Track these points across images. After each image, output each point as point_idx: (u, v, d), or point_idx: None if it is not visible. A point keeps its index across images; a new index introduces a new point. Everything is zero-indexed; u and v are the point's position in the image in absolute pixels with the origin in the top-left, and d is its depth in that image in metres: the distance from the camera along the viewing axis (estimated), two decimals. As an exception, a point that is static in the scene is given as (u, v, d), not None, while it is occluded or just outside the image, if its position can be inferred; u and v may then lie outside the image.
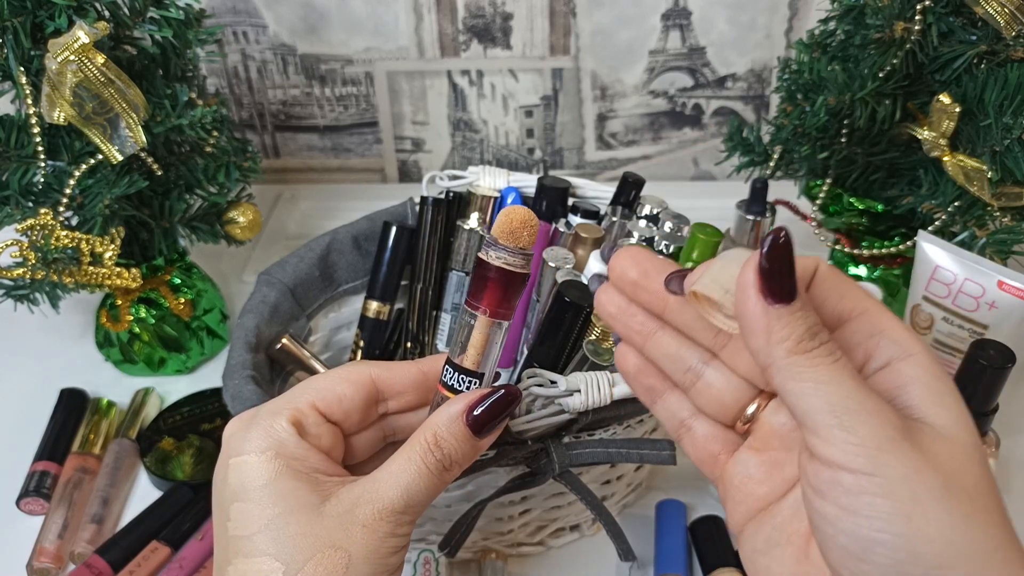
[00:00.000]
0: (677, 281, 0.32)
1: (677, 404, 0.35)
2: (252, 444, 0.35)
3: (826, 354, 0.28)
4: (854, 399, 0.27)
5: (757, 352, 0.29)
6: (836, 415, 0.27)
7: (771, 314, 0.28)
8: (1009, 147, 0.57)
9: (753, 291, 0.28)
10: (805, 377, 0.28)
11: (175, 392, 0.71)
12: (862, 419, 0.27)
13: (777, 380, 0.29)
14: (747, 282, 0.28)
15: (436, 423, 0.35)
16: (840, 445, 0.27)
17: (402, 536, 0.35)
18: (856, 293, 0.31)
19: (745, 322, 0.29)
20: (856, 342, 0.30)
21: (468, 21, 0.91)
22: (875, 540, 0.27)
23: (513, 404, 0.36)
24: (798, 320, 0.28)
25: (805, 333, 0.28)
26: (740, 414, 0.34)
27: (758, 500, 0.33)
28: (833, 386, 0.28)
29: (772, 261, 0.28)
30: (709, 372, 0.34)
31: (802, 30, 0.89)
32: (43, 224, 0.59)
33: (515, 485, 0.48)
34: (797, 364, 0.28)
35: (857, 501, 0.27)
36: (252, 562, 0.33)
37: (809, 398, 0.28)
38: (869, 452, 0.27)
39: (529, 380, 0.45)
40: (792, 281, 0.28)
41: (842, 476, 0.27)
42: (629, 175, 0.61)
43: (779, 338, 0.28)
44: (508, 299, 0.36)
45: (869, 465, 0.27)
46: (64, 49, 0.55)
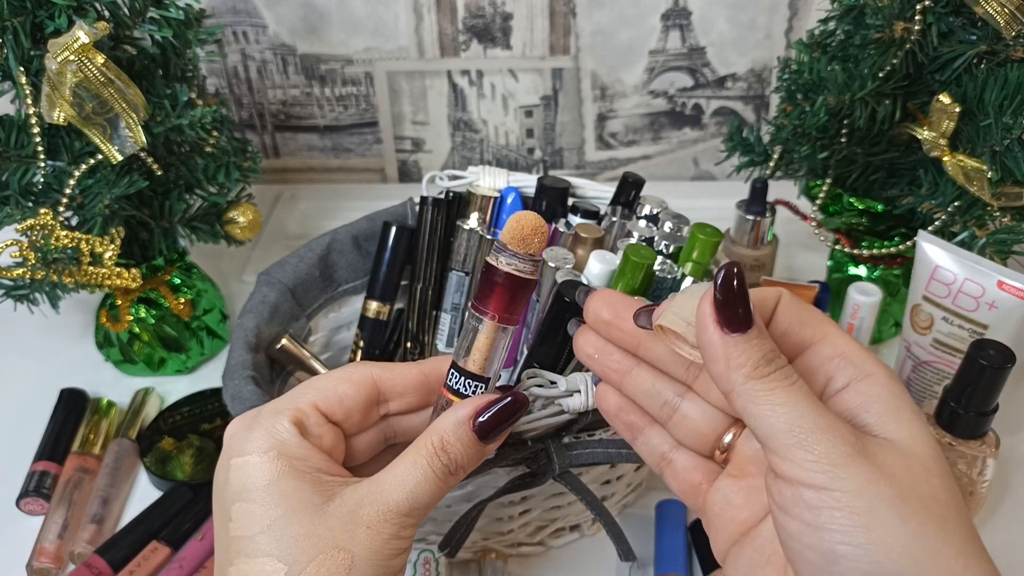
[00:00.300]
0: (645, 316, 0.34)
1: (657, 439, 0.37)
2: (254, 444, 0.35)
3: (782, 378, 0.30)
4: (809, 419, 0.29)
5: (718, 378, 0.31)
6: (794, 435, 0.29)
7: (728, 342, 0.30)
8: (1009, 147, 0.57)
9: (710, 322, 0.30)
10: (763, 400, 0.29)
11: (175, 392, 0.71)
12: (818, 437, 0.28)
13: (738, 404, 0.30)
14: (704, 313, 0.30)
15: (443, 427, 0.35)
16: (799, 463, 0.29)
17: (405, 539, 0.34)
18: (816, 320, 0.32)
19: (705, 351, 0.31)
20: (818, 365, 0.32)
21: (468, 21, 0.91)
22: (837, 552, 0.28)
23: (520, 411, 0.36)
24: (754, 347, 0.30)
25: (761, 359, 0.30)
26: (717, 443, 0.35)
27: (739, 525, 0.34)
28: (789, 407, 0.29)
29: (725, 293, 0.30)
30: (685, 405, 0.36)
31: (802, 30, 0.89)
32: (43, 224, 0.59)
33: (515, 485, 0.48)
34: (755, 388, 0.29)
35: (818, 516, 0.28)
36: (254, 562, 0.33)
37: (768, 420, 0.29)
38: (826, 468, 0.28)
39: (529, 380, 0.45)
40: (746, 311, 0.30)
41: (803, 492, 0.29)
42: (629, 175, 0.61)
43: (737, 364, 0.30)
44: (515, 305, 0.36)
45: (827, 480, 0.28)
46: (64, 49, 0.55)
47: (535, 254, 0.35)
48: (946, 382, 0.55)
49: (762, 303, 0.32)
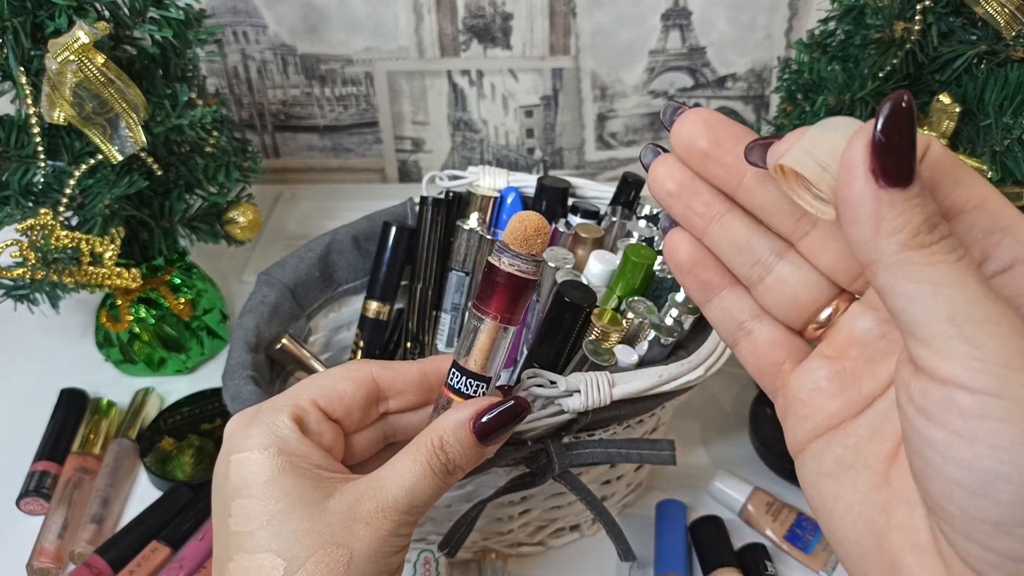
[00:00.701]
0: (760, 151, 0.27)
1: (737, 303, 0.31)
2: (254, 441, 0.35)
3: (947, 251, 0.23)
4: (980, 306, 0.23)
5: (860, 244, 0.24)
6: (957, 324, 0.23)
7: (883, 199, 0.23)
8: (1009, 147, 0.57)
9: (862, 169, 0.23)
10: (921, 277, 0.23)
11: (175, 392, 0.71)
12: (989, 330, 0.23)
13: (883, 279, 0.24)
14: (855, 158, 0.23)
15: (443, 427, 0.35)
16: (961, 360, 0.23)
17: (404, 536, 0.35)
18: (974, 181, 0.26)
19: (848, 207, 0.24)
20: (972, 239, 0.26)
21: (468, 21, 0.91)
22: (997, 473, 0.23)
23: (521, 416, 0.36)
24: (915, 208, 0.23)
25: (923, 224, 0.23)
26: (814, 316, 0.30)
27: (828, 416, 0.29)
28: (955, 289, 0.23)
29: (890, 134, 0.23)
30: (782, 266, 0.30)
31: (802, 30, 0.89)
32: (43, 224, 0.59)
33: (515, 485, 0.48)
34: (912, 261, 0.23)
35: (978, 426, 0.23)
36: (253, 558, 0.33)
37: (925, 302, 0.23)
38: (996, 370, 0.23)
39: (529, 380, 0.45)
40: (912, 160, 0.23)
41: (959, 396, 0.23)
42: (629, 175, 0.61)
43: (891, 228, 0.23)
44: (517, 305, 0.36)
45: (996, 385, 0.23)
46: (64, 49, 0.55)
47: (537, 254, 0.35)
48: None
49: None
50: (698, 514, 0.59)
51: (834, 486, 0.28)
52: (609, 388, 0.45)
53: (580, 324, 0.49)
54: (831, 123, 0.25)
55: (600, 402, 0.45)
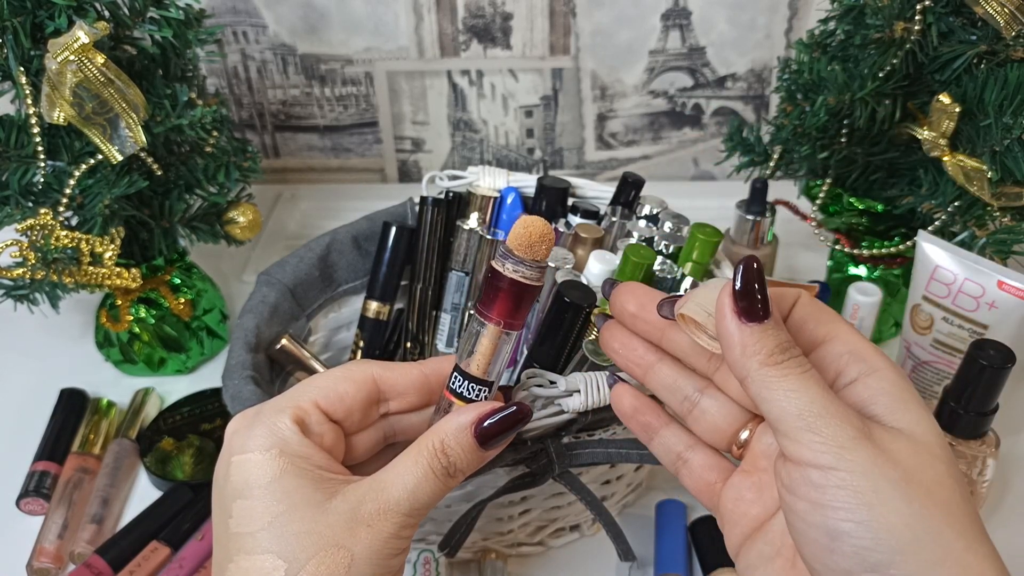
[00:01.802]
0: (668, 307, 0.35)
1: (673, 439, 0.38)
2: (256, 442, 0.35)
3: (795, 365, 0.31)
4: (819, 403, 0.30)
5: (734, 365, 0.32)
6: (803, 418, 0.30)
7: (744, 331, 0.31)
8: (1009, 147, 0.57)
9: (729, 311, 0.31)
10: (776, 386, 0.31)
11: (175, 392, 0.71)
12: (826, 421, 0.30)
13: (752, 390, 0.31)
14: (723, 303, 0.32)
15: (444, 430, 0.35)
16: (807, 444, 0.30)
17: (405, 539, 0.35)
18: (830, 320, 0.34)
19: (723, 339, 0.32)
20: (829, 361, 0.33)
21: (468, 21, 0.91)
22: (840, 530, 0.29)
23: (523, 422, 0.36)
24: (769, 336, 0.31)
25: (775, 347, 0.31)
26: (734, 439, 0.36)
27: (751, 520, 0.35)
28: (801, 392, 0.30)
29: (744, 284, 0.31)
30: (704, 400, 0.37)
31: (802, 30, 0.89)
32: (43, 224, 0.59)
33: (515, 485, 0.48)
34: (768, 375, 0.31)
35: (823, 494, 0.29)
36: (254, 559, 0.33)
37: (780, 403, 0.30)
38: (833, 449, 0.29)
39: (529, 380, 0.45)
40: (764, 301, 0.31)
41: (810, 473, 0.30)
42: (629, 175, 0.61)
43: (752, 351, 0.31)
44: (520, 310, 0.36)
45: (833, 460, 0.29)
46: (64, 49, 0.55)
47: (541, 260, 0.35)
48: (946, 382, 0.55)
49: (781, 299, 0.34)
50: (698, 514, 0.59)
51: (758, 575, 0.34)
52: (609, 388, 0.45)
53: (580, 324, 0.49)
54: (713, 282, 0.34)
55: (600, 402, 0.45)
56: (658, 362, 0.37)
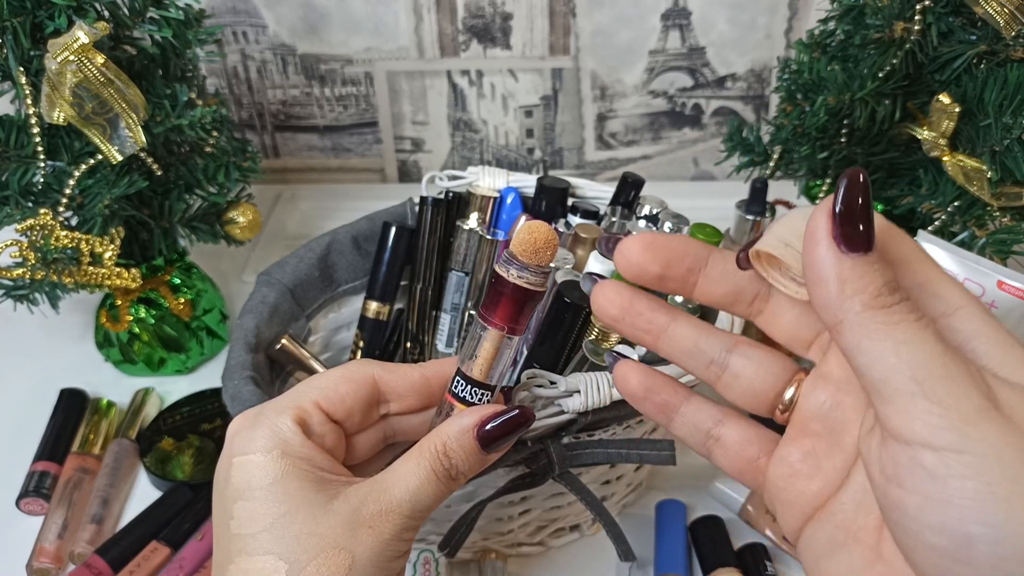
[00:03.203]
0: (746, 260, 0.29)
1: (698, 414, 0.32)
2: (257, 443, 0.35)
3: (907, 311, 0.24)
4: (939, 363, 0.24)
5: (826, 305, 0.25)
6: (918, 380, 0.23)
7: (845, 263, 0.25)
8: (1009, 147, 0.57)
9: (824, 236, 0.25)
10: (884, 335, 0.24)
11: (175, 392, 0.71)
12: (947, 385, 0.23)
13: (848, 339, 0.25)
14: (817, 226, 0.25)
15: (447, 433, 0.35)
16: (922, 417, 0.23)
17: (406, 541, 0.34)
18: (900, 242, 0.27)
19: (813, 271, 0.25)
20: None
21: (468, 21, 0.91)
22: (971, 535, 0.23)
23: (525, 425, 0.36)
24: (876, 271, 0.25)
25: (884, 286, 0.25)
26: (777, 400, 0.30)
27: (811, 498, 0.29)
28: (915, 347, 0.24)
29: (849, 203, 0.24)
30: (735, 360, 0.31)
31: (802, 30, 0.89)
32: (43, 224, 0.59)
33: (515, 485, 0.48)
34: (875, 320, 0.24)
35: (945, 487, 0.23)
36: (255, 560, 0.33)
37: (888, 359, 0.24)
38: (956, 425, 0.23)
39: (529, 381, 0.45)
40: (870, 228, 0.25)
41: (924, 456, 0.23)
42: (629, 175, 0.61)
43: (854, 290, 0.24)
44: (523, 316, 0.35)
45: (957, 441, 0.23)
46: (64, 49, 0.55)
47: (545, 265, 0.35)
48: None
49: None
50: (698, 514, 0.59)
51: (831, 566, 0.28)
52: (609, 388, 0.45)
53: (580, 324, 0.49)
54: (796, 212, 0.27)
55: (600, 402, 0.45)
56: (672, 323, 0.31)
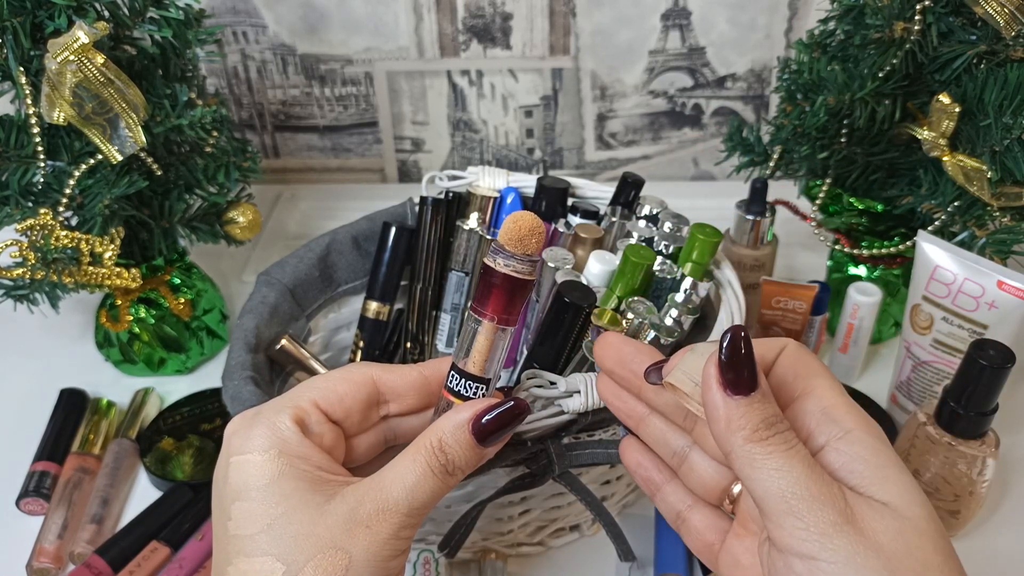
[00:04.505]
0: (655, 373, 0.35)
1: (674, 496, 0.37)
2: (255, 443, 0.35)
3: (781, 442, 0.30)
4: (803, 485, 0.29)
5: (718, 438, 0.31)
6: (786, 501, 0.29)
7: (729, 404, 0.30)
8: (1009, 147, 0.57)
9: (714, 382, 0.30)
10: (760, 464, 0.29)
11: (175, 392, 0.71)
12: (809, 504, 0.28)
13: (736, 466, 0.30)
14: (708, 375, 0.31)
15: (442, 428, 0.35)
16: (790, 530, 0.29)
17: (404, 539, 0.34)
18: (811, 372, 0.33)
19: (708, 411, 0.31)
20: (801, 419, 0.32)
21: (468, 21, 0.91)
22: None
23: (520, 417, 0.36)
24: (755, 411, 0.30)
25: (761, 423, 0.30)
26: (726, 493, 0.36)
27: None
28: (784, 472, 0.29)
29: (730, 356, 0.30)
30: (693, 454, 0.36)
31: (802, 30, 0.89)
32: (43, 224, 0.59)
33: (515, 486, 0.48)
34: (752, 452, 0.30)
35: None
36: (253, 561, 0.33)
37: (763, 483, 0.29)
38: (814, 537, 0.28)
39: (529, 381, 0.45)
40: (751, 374, 0.30)
41: (794, 563, 0.29)
42: (629, 175, 0.61)
43: (737, 427, 0.30)
44: (514, 306, 0.36)
45: (815, 550, 0.28)
46: (64, 49, 0.55)
47: (532, 254, 0.35)
48: (946, 382, 0.55)
49: (767, 350, 0.33)
50: (698, 514, 0.59)
51: None
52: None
53: (580, 324, 0.49)
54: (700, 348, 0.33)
55: (600, 403, 0.45)
56: (649, 415, 0.37)
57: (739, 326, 0.31)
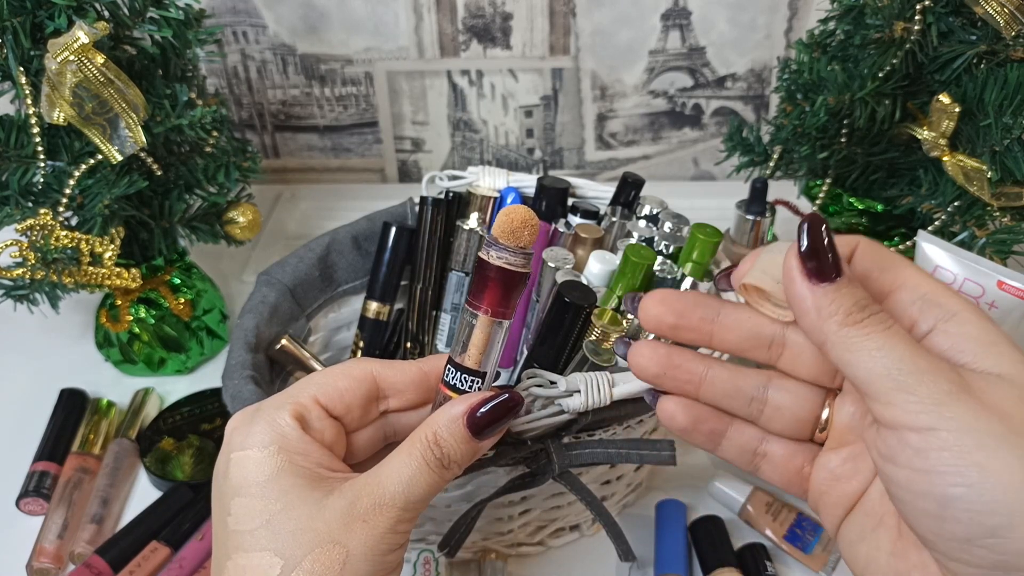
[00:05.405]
0: (725, 280, 0.34)
1: (744, 436, 0.35)
2: (255, 439, 0.35)
3: (877, 323, 0.29)
4: (909, 360, 0.28)
5: (811, 331, 0.30)
6: (893, 378, 0.28)
7: (818, 293, 0.29)
8: (1009, 147, 0.57)
9: (798, 274, 0.30)
10: (859, 347, 0.29)
11: (175, 392, 0.71)
12: (919, 377, 0.28)
13: (833, 354, 0.30)
14: (791, 267, 0.30)
15: (437, 422, 0.36)
16: (901, 405, 0.28)
17: (401, 534, 0.35)
18: (895, 264, 0.32)
19: (795, 305, 0.30)
20: (901, 311, 0.31)
21: (468, 21, 0.91)
22: (951, 496, 0.27)
23: (515, 410, 0.36)
24: (844, 295, 0.29)
25: (853, 306, 0.29)
26: (817, 423, 0.34)
27: (850, 497, 0.33)
28: (887, 351, 0.28)
29: (811, 243, 0.29)
30: (773, 394, 0.34)
31: (802, 30, 0.89)
32: (43, 224, 0.59)
33: (515, 485, 0.48)
34: (850, 336, 0.29)
35: (927, 460, 0.27)
36: (251, 556, 0.33)
37: (866, 365, 0.29)
38: (930, 407, 0.27)
39: (529, 381, 0.45)
40: (834, 259, 0.29)
41: (908, 437, 0.28)
42: (629, 175, 0.61)
43: (828, 313, 0.29)
44: (509, 298, 0.36)
45: (932, 420, 0.27)
46: (64, 49, 0.55)
47: (526, 247, 0.35)
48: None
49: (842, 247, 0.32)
50: (698, 514, 0.59)
51: (864, 549, 0.32)
52: (609, 388, 0.45)
53: (580, 324, 0.49)
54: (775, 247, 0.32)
55: (600, 402, 0.45)
56: (709, 371, 0.35)
57: (815, 214, 0.30)
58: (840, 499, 0.33)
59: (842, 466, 0.33)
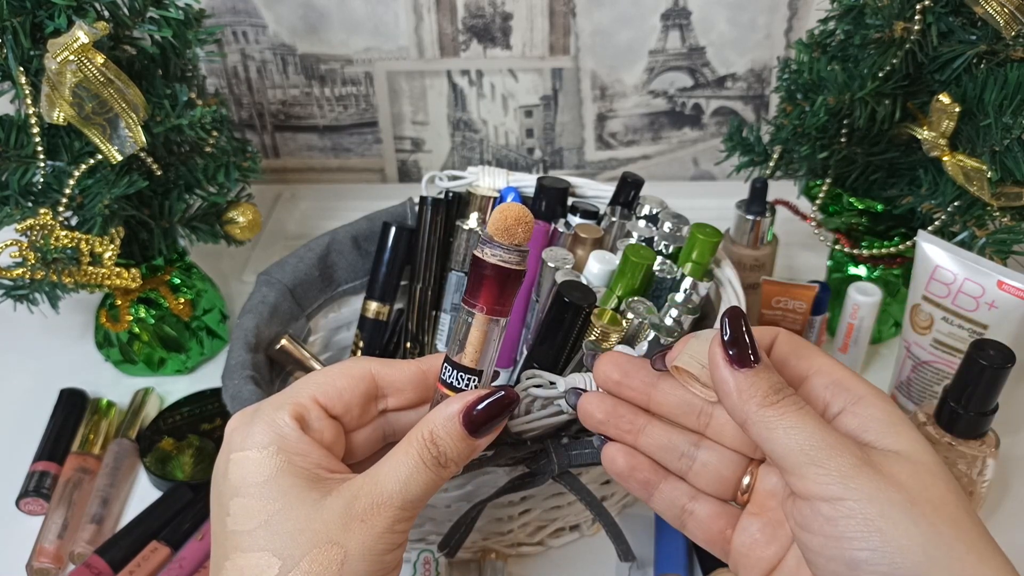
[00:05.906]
0: (660, 360, 0.37)
1: (674, 492, 0.38)
2: (254, 440, 0.35)
3: (791, 404, 0.32)
4: (819, 437, 0.31)
5: (733, 411, 0.33)
6: (805, 452, 0.31)
7: (739, 377, 0.33)
8: (1009, 147, 0.57)
9: (721, 360, 0.33)
10: (775, 425, 0.32)
11: (175, 392, 0.71)
12: (828, 453, 0.31)
13: (753, 431, 0.33)
14: (715, 353, 0.33)
15: (433, 420, 0.36)
16: (813, 478, 0.31)
17: (399, 533, 0.35)
18: (810, 353, 0.35)
19: (719, 387, 0.33)
20: (815, 395, 0.35)
21: (468, 21, 0.91)
22: (858, 559, 0.30)
23: (510, 407, 0.36)
24: (762, 379, 0.33)
25: (769, 389, 0.32)
26: (739, 486, 0.37)
27: (767, 562, 0.35)
28: (799, 429, 0.32)
29: (732, 334, 0.33)
30: (702, 453, 0.37)
31: (802, 30, 0.89)
32: (43, 224, 0.59)
33: (514, 485, 0.48)
34: (767, 415, 0.32)
35: (836, 526, 0.30)
36: (249, 556, 0.33)
37: (782, 441, 0.32)
38: (837, 480, 0.30)
39: (528, 381, 0.45)
40: (752, 348, 0.33)
41: (820, 506, 0.31)
42: (628, 175, 0.61)
43: (748, 395, 0.32)
44: (505, 296, 0.36)
45: (840, 491, 0.30)
46: (64, 49, 0.55)
47: (521, 244, 0.35)
48: (946, 382, 0.55)
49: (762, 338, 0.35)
50: (698, 514, 0.59)
51: None
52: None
53: (580, 324, 0.49)
54: (702, 334, 0.36)
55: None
56: (648, 424, 0.38)
57: (734, 307, 0.33)
58: (759, 563, 0.35)
59: (761, 531, 0.36)
